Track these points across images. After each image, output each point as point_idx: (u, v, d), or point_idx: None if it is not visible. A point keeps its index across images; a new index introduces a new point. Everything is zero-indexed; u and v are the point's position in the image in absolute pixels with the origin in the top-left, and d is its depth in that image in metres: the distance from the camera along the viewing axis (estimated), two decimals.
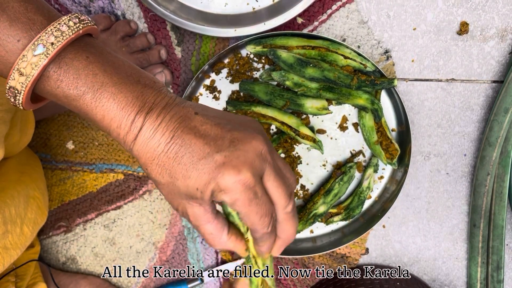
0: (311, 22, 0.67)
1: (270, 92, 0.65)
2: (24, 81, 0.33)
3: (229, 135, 0.36)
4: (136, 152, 0.36)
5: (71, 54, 0.34)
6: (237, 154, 0.35)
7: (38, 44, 0.33)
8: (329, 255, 0.73)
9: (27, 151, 0.65)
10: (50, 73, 0.34)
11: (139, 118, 0.35)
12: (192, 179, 0.35)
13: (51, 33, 0.33)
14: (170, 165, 0.35)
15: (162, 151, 0.35)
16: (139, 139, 0.36)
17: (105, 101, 0.35)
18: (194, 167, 0.35)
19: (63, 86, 0.34)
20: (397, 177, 0.68)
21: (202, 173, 0.35)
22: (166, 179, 0.36)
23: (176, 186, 0.36)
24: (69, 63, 0.34)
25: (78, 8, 0.67)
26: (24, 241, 0.52)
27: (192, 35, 0.68)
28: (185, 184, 0.35)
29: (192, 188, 0.35)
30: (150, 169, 0.36)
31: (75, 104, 0.35)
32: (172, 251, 0.74)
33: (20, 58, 0.33)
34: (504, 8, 0.66)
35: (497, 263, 0.68)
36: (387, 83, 0.63)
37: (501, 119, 0.65)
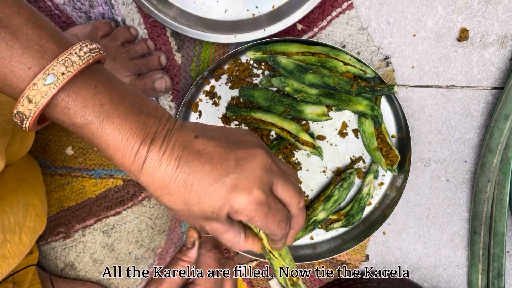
0: (311, 29, 0.67)
1: (270, 98, 0.65)
2: (32, 108, 0.34)
3: (233, 155, 0.37)
4: (144, 182, 0.37)
5: (80, 82, 0.35)
6: (245, 175, 0.36)
7: (49, 74, 0.33)
8: (329, 262, 0.73)
9: (26, 157, 0.65)
10: (58, 101, 0.34)
11: (143, 148, 0.36)
12: (206, 204, 0.36)
13: (62, 63, 0.33)
14: (181, 193, 0.36)
15: (170, 180, 0.36)
16: (145, 170, 0.36)
17: (110, 132, 0.35)
18: (206, 194, 0.36)
19: (70, 113, 0.35)
20: (397, 183, 0.68)
21: (215, 199, 0.36)
22: (180, 206, 0.37)
23: (190, 211, 0.37)
24: (77, 91, 0.35)
25: (78, 14, 0.67)
26: (22, 249, 0.52)
27: (192, 41, 0.68)
28: (199, 209, 0.37)
29: (207, 212, 0.37)
30: (161, 197, 0.37)
31: (80, 132, 0.36)
32: (171, 257, 0.74)
33: (31, 86, 0.33)
34: (504, 15, 0.66)
35: (498, 270, 0.68)
36: (387, 89, 0.63)
37: (501, 125, 0.64)
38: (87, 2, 0.67)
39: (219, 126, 0.41)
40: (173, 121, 0.38)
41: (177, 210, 0.37)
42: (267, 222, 0.38)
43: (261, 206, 0.36)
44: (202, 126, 0.39)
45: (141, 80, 0.66)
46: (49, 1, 0.67)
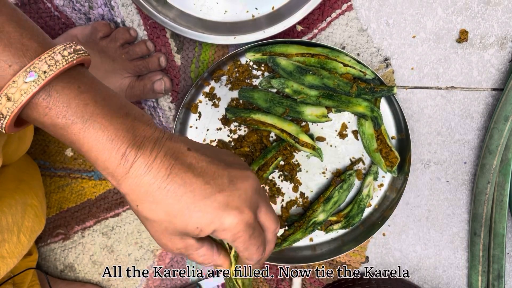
0: (310, 30, 0.67)
1: (270, 99, 0.65)
2: (11, 106, 0.32)
3: (227, 173, 0.37)
4: (126, 187, 0.35)
5: (62, 82, 0.33)
6: (238, 194, 0.36)
7: (30, 71, 0.32)
8: (329, 263, 0.73)
9: (25, 158, 0.65)
10: (39, 100, 0.33)
11: (131, 152, 0.34)
12: (194, 218, 0.35)
13: (45, 61, 0.32)
14: (167, 203, 0.35)
15: (158, 188, 0.35)
16: (132, 174, 0.35)
17: (94, 132, 0.34)
18: (195, 207, 0.35)
19: (51, 114, 0.33)
20: (397, 185, 0.68)
21: (205, 213, 0.35)
22: (160, 217, 0.36)
23: (171, 223, 0.36)
24: (60, 91, 0.33)
25: (78, 15, 0.67)
26: (21, 249, 0.52)
27: (191, 43, 0.68)
28: (184, 222, 0.35)
29: (191, 227, 0.36)
30: (141, 206, 0.36)
31: (61, 133, 0.34)
32: (170, 259, 0.74)
33: (10, 83, 0.32)
34: (504, 16, 0.66)
35: (498, 272, 0.68)
36: (386, 90, 0.63)
37: (501, 127, 0.64)
38: (86, 4, 0.67)
39: (208, 144, 0.41)
40: (161, 130, 0.37)
41: (153, 221, 0.36)
42: (249, 244, 0.37)
43: (248, 227, 0.37)
44: (192, 141, 0.39)
45: (140, 81, 0.66)
46: (48, 2, 0.67)
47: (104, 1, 0.67)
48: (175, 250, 0.38)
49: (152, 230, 0.37)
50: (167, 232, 0.36)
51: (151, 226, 0.37)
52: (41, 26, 0.68)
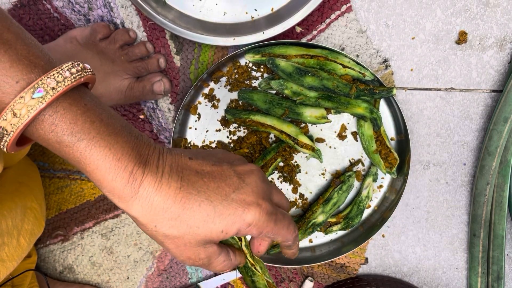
0: (309, 31, 0.67)
1: (269, 100, 0.65)
2: (16, 122, 0.32)
3: (233, 171, 0.37)
4: (137, 210, 0.35)
5: (69, 99, 0.33)
6: (251, 188, 0.37)
7: (38, 87, 0.31)
8: (328, 264, 0.73)
9: (25, 160, 0.65)
10: (45, 117, 0.32)
11: (138, 170, 0.34)
12: (217, 223, 0.35)
13: (53, 78, 0.32)
14: (187, 215, 0.35)
15: (174, 202, 0.35)
16: (141, 194, 0.34)
17: (100, 150, 0.33)
18: (216, 212, 0.35)
19: (57, 131, 0.33)
20: (397, 186, 0.68)
21: (226, 216, 0.36)
22: (182, 231, 0.35)
23: (195, 234, 0.35)
24: (66, 108, 0.33)
25: (77, 17, 0.67)
26: (20, 252, 0.52)
27: (191, 44, 0.68)
28: (208, 230, 0.35)
29: (216, 232, 0.36)
30: (160, 225, 0.35)
31: (67, 151, 0.33)
32: (170, 261, 0.74)
33: (17, 99, 0.31)
34: (503, 18, 0.66)
35: (498, 273, 0.68)
36: (386, 92, 0.63)
37: (500, 128, 0.64)
38: (86, 5, 0.67)
39: (201, 149, 0.41)
40: (159, 146, 0.37)
41: (176, 237, 0.35)
42: (278, 229, 0.38)
43: (271, 215, 0.37)
44: (189, 150, 0.39)
45: (140, 82, 0.66)
46: (48, 3, 0.67)
47: (104, 3, 0.67)
48: (198, 262, 0.37)
49: (174, 247, 0.36)
50: (191, 245, 0.36)
51: (172, 243, 0.36)
52: (41, 27, 0.68)
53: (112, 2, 0.67)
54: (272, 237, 0.39)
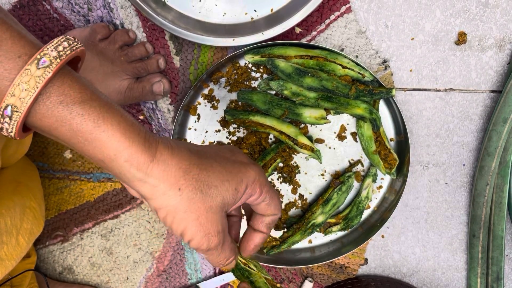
0: (309, 32, 0.67)
1: (269, 101, 0.65)
2: (25, 96, 0.30)
3: (217, 147, 0.41)
4: (158, 173, 0.34)
5: (71, 72, 0.33)
6: (242, 153, 0.40)
7: (42, 58, 0.31)
8: (328, 265, 0.73)
9: (24, 160, 0.65)
10: (53, 88, 0.31)
11: (151, 136, 0.34)
12: (230, 181, 0.37)
13: (54, 48, 0.32)
14: (204, 175, 0.36)
15: (190, 164, 0.35)
16: (160, 158, 0.34)
17: (114, 116, 0.32)
18: (226, 170, 0.37)
19: (67, 101, 0.32)
20: (396, 187, 0.68)
21: (234, 174, 0.37)
22: (204, 191, 0.35)
23: (214, 195, 0.36)
24: (73, 79, 0.32)
25: (77, 17, 0.68)
26: (19, 252, 0.51)
27: (190, 45, 0.68)
28: (224, 189, 0.36)
29: (231, 191, 0.37)
30: (184, 187, 0.34)
31: (78, 122, 0.32)
32: (169, 261, 0.74)
33: (23, 72, 0.30)
34: (502, 18, 0.66)
35: (497, 274, 0.68)
36: (385, 92, 0.63)
37: (499, 129, 0.64)
38: (85, 6, 0.67)
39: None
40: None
41: (201, 200, 0.35)
42: (273, 193, 0.40)
43: (265, 177, 0.40)
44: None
45: (139, 83, 0.66)
46: (47, 4, 0.67)
47: (103, 3, 0.67)
48: (214, 239, 0.37)
49: (195, 217, 0.35)
50: (212, 212, 0.36)
51: (195, 212, 0.35)
52: (40, 28, 0.68)
53: (111, 3, 0.67)
54: (268, 201, 0.40)
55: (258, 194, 0.39)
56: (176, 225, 0.36)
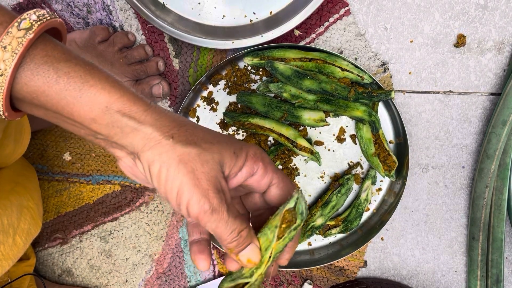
0: (308, 35, 0.68)
1: (268, 103, 0.65)
2: (8, 58, 0.30)
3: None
4: (152, 118, 0.32)
5: (52, 39, 0.32)
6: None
7: (22, 20, 0.31)
8: (327, 268, 0.73)
9: (22, 161, 0.65)
10: (37, 50, 0.31)
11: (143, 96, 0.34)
12: (228, 143, 0.34)
13: (34, 13, 0.32)
14: (199, 133, 0.34)
15: (186, 118, 0.34)
16: (155, 107, 0.33)
17: (103, 71, 0.32)
18: (224, 136, 0.35)
19: (52, 61, 0.31)
20: (395, 189, 0.68)
21: (233, 142, 0.35)
22: (198, 144, 0.33)
23: (210, 150, 0.33)
24: (57, 42, 0.32)
25: (76, 20, 0.68)
26: (16, 251, 0.51)
27: (190, 47, 0.68)
28: (221, 147, 0.34)
29: (228, 152, 0.34)
30: (177, 135, 0.32)
31: (65, 80, 0.31)
32: (168, 264, 0.74)
33: (4, 35, 0.30)
34: (501, 21, 0.66)
35: (497, 277, 0.68)
36: (384, 95, 0.63)
37: (499, 131, 0.64)
38: (85, 8, 0.67)
39: None
40: None
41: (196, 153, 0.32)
42: (282, 175, 0.37)
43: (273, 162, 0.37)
44: None
45: (139, 85, 0.66)
46: (47, 7, 0.67)
47: (103, 6, 0.67)
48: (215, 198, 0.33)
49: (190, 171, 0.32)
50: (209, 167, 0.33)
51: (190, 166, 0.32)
52: None
53: (111, 6, 0.67)
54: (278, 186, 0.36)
55: (262, 172, 0.36)
56: (171, 182, 0.32)
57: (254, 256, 0.36)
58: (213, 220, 0.33)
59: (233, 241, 0.34)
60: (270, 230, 0.36)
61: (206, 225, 0.33)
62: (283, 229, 0.36)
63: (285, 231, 0.36)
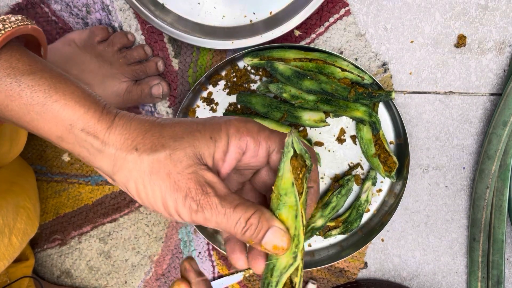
0: (308, 35, 0.67)
1: (268, 104, 0.65)
2: None
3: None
4: (115, 138, 0.30)
5: (21, 48, 0.32)
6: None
7: None
8: (328, 269, 0.72)
9: (20, 162, 0.65)
10: (0, 62, 0.30)
11: (110, 106, 0.32)
12: (202, 130, 0.31)
13: (1, 21, 0.31)
14: (168, 131, 0.31)
15: (152, 124, 0.31)
16: (118, 123, 0.31)
17: (68, 85, 0.31)
18: (198, 123, 0.32)
19: (15, 73, 0.30)
20: (396, 190, 0.68)
21: (210, 124, 0.32)
22: (167, 145, 0.30)
23: (182, 147, 0.30)
24: (23, 53, 0.31)
25: (75, 20, 0.67)
26: (12, 251, 0.51)
27: (189, 47, 0.68)
28: (194, 138, 0.31)
29: (204, 140, 0.31)
30: (141, 145, 0.30)
31: (28, 94, 0.30)
32: (168, 265, 0.73)
33: None
34: (502, 21, 0.66)
35: (498, 278, 0.67)
36: (384, 95, 0.63)
37: (499, 132, 0.64)
38: (84, 8, 0.67)
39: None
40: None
41: (165, 157, 0.30)
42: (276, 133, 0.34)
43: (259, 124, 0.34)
44: None
45: (138, 86, 0.65)
46: (46, 7, 0.67)
47: (102, 6, 0.67)
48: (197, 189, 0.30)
49: (165, 176, 0.30)
50: (184, 166, 0.30)
51: (163, 172, 0.30)
52: None
53: (110, 6, 0.67)
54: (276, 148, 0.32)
55: (254, 145, 0.32)
56: (152, 196, 0.30)
57: (279, 240, 0.31)
58: (209, 216, 0.30)
59: (245, 232, 0.31)
60: (287, 193, 0.31)
61: (207, 225, 0.31)
62: (300, 181, 0.31)
63: (303, 182, 0.31)
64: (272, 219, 0.31)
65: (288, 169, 0.31)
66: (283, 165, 0.31)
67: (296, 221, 0.31)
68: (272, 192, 0.32)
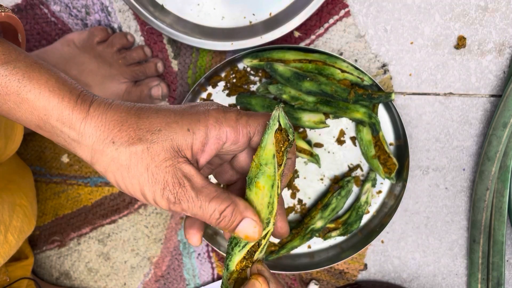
0: (308, 36, 0.67)
1: (267, 105, 0.65)
2: None
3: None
4: (91, 130, 0.30)
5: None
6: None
7: None
8: (327, 271, 0.72)
9: (17, 161, 0.64)
10: None
11: (86, 94, 0.31)
12: (179, 122, 0.31)
13: None
14: (145, 122, 0.31)
15: (128, 114, 0.31)
16: (94, 113, 0.30)
17: (42, 74, 0.30)
18: (176, 113, 0.32)
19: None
20: (396, 191, 0.68)
21: (188, 115, 0.32)
22: (144, 138, 0.30)
23: (159, 140, 0.30)
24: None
25: (75, 21, 0.67)
26: (8, 249, 0.51)
27: (188, 49, 0.68)
28: (172, 130, 0.31)
29: (181, 132, 0.31)
30: (118, 139, 0.30)
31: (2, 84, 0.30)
32: (167, 267, 0.73)
33: None
34: (502, 23, 0.66)
35: (498, 280, 0.67)
36: (384, 97, 0.63)
37: (499, 133, 0.64)
38: (83, 9, 0.67)
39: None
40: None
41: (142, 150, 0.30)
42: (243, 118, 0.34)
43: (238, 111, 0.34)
44: None
45: (137, 87, 0.65)
46: (45, 8, 0.67)
47: (101, 7, 0.67)
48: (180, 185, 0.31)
49: (143, 170, 0.30)
50: (160, 159, 0.30)
51: (141, 165, 0.30)
52: (38, 32, 0.68)
53: (109, 7, 0.67)
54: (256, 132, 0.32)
55: (234, 134, 0.32)
56: (131, 188, 0.31)
57: (250, 230, 0.33)
58: (186, 208, 0.31)
59: (219, 223, 0.32)
60: (267, 164, 0.33)
61: (185, 213, 0.32)
62: (281, 154, 0.33)
63: (283, 155, 0.33)
64: (246, 210, 0.33)
65: (271, 141, 0.32)
66: (266, 136, 0.33)
67: (272, 190, 0.33)
68: (252, 161, 0.34)
